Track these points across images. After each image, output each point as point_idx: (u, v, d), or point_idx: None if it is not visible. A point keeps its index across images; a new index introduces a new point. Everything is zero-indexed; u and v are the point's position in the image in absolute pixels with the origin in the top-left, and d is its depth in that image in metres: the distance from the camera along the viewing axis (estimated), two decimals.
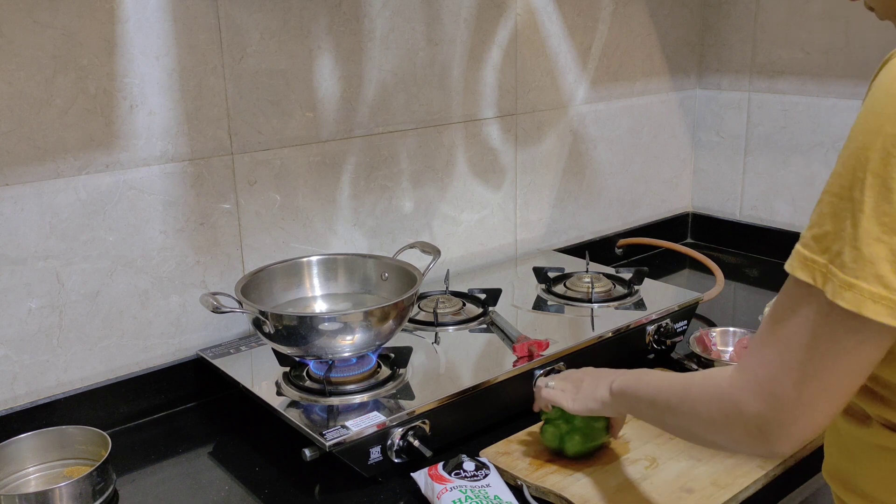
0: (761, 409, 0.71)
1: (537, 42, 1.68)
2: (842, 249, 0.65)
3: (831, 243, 0.66)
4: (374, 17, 1.42)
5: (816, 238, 0.68)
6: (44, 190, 1.14)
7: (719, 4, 1.98)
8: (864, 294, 0.64)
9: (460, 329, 1.37)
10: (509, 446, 1.13)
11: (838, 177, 0.67)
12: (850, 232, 0.65)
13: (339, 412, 1.11)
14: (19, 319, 1.16)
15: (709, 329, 1.46)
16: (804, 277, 0.68)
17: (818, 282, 0.67)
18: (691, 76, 2.04)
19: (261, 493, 1.09)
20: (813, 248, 0.68)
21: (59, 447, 1.12)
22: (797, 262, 0.69)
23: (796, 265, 0.69)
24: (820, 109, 1.83)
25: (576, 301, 1.47)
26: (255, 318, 1.15)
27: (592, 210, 1.91)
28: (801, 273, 0.68)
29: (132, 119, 1.20)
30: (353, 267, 1.35)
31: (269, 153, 1.35)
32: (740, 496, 1.02)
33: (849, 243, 0.65)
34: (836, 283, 0.65)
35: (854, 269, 0.64)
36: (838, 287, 0.65)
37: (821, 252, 0.67)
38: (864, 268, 0.64)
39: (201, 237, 1.30)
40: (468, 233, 1.67)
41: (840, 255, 0.65)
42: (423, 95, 1.52)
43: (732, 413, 0.74)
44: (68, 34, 1.12)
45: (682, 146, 2.08)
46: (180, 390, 1.31)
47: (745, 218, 2.03)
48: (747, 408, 0.73)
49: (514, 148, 1.70)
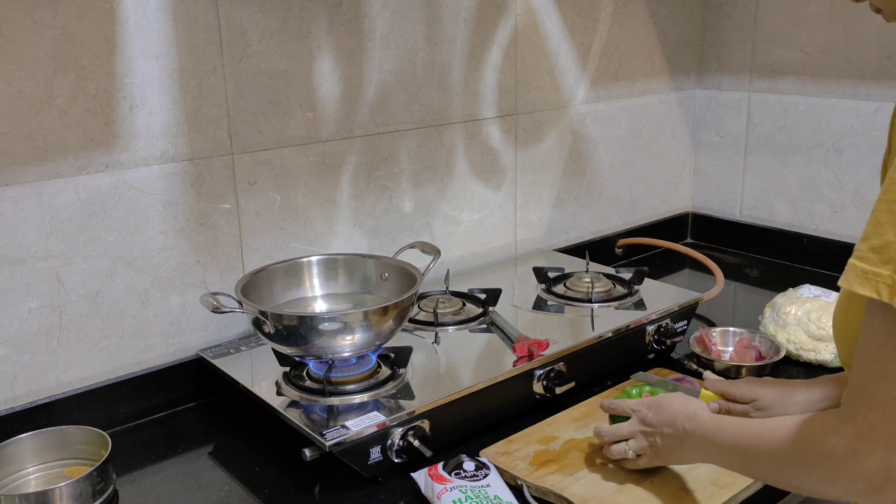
0: (884, 458, 0.67)
1: (537, 42, 1.68)
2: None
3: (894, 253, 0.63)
4: (374, 17, 1.42)
5: (876, 249, 0.64)
6: (44, 190, 1.14)
7: (719, 4, 1.98)
8: None
9: (460, 329, 1.37)
10: (509, 446, 1.13)
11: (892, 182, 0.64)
12: None
13: (339, 412, 1.11)
14: (19, 319, 1.16)
15: (709, 329, 1.46)
16: (864, 291, 0.64)
17: (883, 295, 0.64)
18: (691, 76, 2.04)
19: (261, 493, 1.09)
20: (872, 261, 0.64)
21: (59, 447, 1.12)
22: (854, 276, 0.65)
23: (853, 279, 0.65)
24: (820, 109, 1.83)
25: (576, 301, 1.47)
26: (255, 318, 1.15)
27: (592, 210, 1.91)
28: (860, 287, 0.65)
29: (132, 119, 1.20)
30: (353, 267, 1.35)
31: (269, 153, 1.35)
32: (740, 496, 1.02)
33: None
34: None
35: None
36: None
37: (882, 263, 0.64)
38: None
39: (201, 237, 1.30)
40: (468, 233, 1.67)
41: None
42: (423, 95, 1.52)
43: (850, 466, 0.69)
44: (68, 34, 1.12)
45: (682, 146, 2.08)
46: (180, 390, 1.31)
47: (745, 218, 2.03)
48: (867, 458, 0.68)
49: (514, 148, 1.70)
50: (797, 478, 0.77)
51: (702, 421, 0.94)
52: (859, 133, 1.77)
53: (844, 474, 0.70)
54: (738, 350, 1.41)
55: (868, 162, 1.77)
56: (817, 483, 0.75)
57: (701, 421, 0.94)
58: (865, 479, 0.69)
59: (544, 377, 1.24)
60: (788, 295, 1.48)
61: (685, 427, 0.95)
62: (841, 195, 1.83)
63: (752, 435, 0.84)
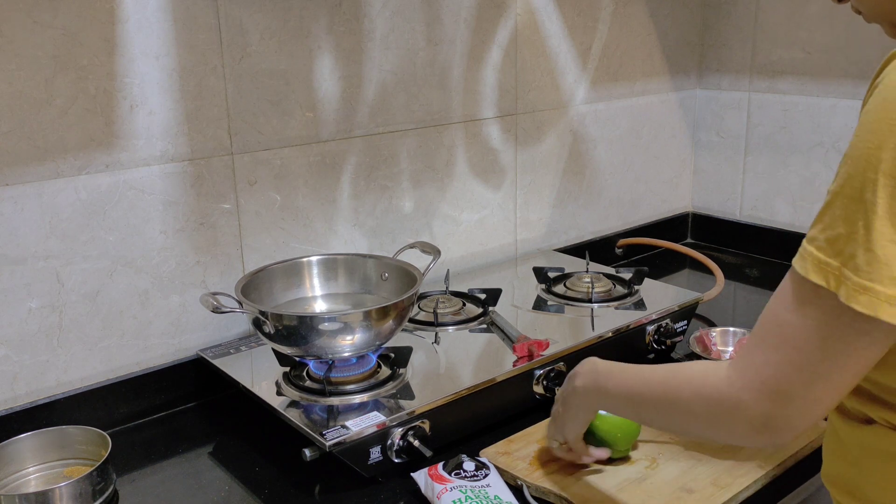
0: (768, 408, 0.72)
1: (537, 42, 1.68)
2: (855, 252, 0.64)
3: (844, 246, 0.65)
4: (374, 17, 1.42)
5: (830, 241, 0.66)
6: (44, 190, 1.14)
7: (719, 4, 1.98)
8: (881, 297, 0.63)
9: (460, 329, 1.37)
10: (509, 446, 1.13)
11: (848, 178, 0.65)
12: (862, 234, 0.64)
13: (339, 412, 1.11)
14: (19, 319, 1.16)
15: (709, 329, 1.46)
16: (818, 280, 0.67)
17: (831, 285, 0.66)
18: (691, 76, 2.04)
19: (261, 493, 1.09)
20: (826, 251, 0.66)
21: (59, 447, 1.12)
22: (811, 265, 0.68)
23: (810, 268, 0.68)
24: (820, 109, 1.83)
25: (576, 301, 1.47)
26: (255, 318, 1.15)
27: (592, 210, 1.91)
28: (815, 276, 0.67)
29: (132, 119, 1.20)
30: (353, 267, 1.35)
31: (269, 153, 1.35)
32: (740, 496, 1.02)
33: (862, 245, 0.64)
34: (850, 286, 0.64)
35: (869, 272, 0.63)
36: (853, 290, 0.64)
37: (834, 255, 0.66)
38: (879, 270, 0.63)
39: (201, 237, 1.30)
40: (468, 233, 1.67)
41: (854, 257, 0.64)
42: (423, 95, 1.52)
43: (735, 412, 0.74)
44: (68, 34, 1.12)
45: (682, 146, 2.08)
46: (180, 390, 1.31)
47: (745, 218, 2.03)
48: (753, 407, 0.73)
49: (514, 148, 1.70)
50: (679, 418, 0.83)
51: (584, 371, 0.99)
52: None
53: (727, 420, 0.76)
54: (738, 350, 1.41)
55: None
56: (700, 426, 0.80)
57: (584, 371, 0.99)
58: (747, 425, 0.74)
59: (544, 377, 1.24)
60: None
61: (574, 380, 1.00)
62: None
63: (641, 381, 0.88)
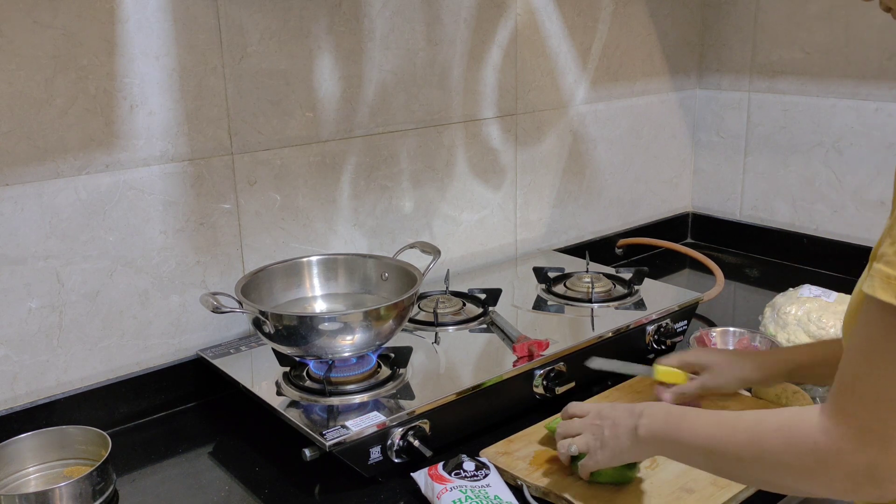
0: (872, 457, 0.64)
1: (537, 42, 1.68)
2: None
3: None
4: (374, 17, 1.42)
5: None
6: (44, 190, 1.14)
7: (719, 4, 1.98)
8: None
9: (460, 329, 1.37)
10: (509, 446, 1.13)
11: None
12: None
13: (339, 412, 1.11)
14: (19, 319, 1.16)
15: (709, 329, 1.45)
16: (886, 298, 0.61)
17: None
18: (691, 76, 2.04)
19: (261, 493, 1.09)
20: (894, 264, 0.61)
21: (59, 447, 1.12)
22: (879, 283, 0.62)
23: (878, 286, 0.62)
24: (820, 109, 1.83)
25: (576, 301, 1.47)
26: (255, 318, 1.15)
27: (592, 210, 1.91)
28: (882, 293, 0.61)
29: (132, 119, 1.20)
30: (353, 267, 1.35)
31: (269, 153, 1.35)
32: (740, 496, 1.02)
33: None
34: None
35: None
36: None
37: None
38: None
39: (201, 237, 1.30)
40: (468, 233, 1.67)
41: None
42: (423, 95, 1.52)
43: (833, 463, 0.67)
44: (68, 34, 1.12)
45: (682, 146, 2.08)
46: (180, 390, 1.31)
47: (745, 218, 2.03)
48: (853, 457, 0.65)
49: (514, 148, 1.70)
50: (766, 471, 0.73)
51: (654, 412, 0.88)
52: (859, 133, 1.77)
53: (824, 472, 0.68)
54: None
55: (868, 162, 1.77)
56: (791, 479, 0.71)
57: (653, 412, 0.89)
58: (847, 478, 0.66)
59: (544, 377, 1.24)
60: (788, 295, 1.48)
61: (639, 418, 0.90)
62: (841, 195, 1.83)
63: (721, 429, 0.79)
